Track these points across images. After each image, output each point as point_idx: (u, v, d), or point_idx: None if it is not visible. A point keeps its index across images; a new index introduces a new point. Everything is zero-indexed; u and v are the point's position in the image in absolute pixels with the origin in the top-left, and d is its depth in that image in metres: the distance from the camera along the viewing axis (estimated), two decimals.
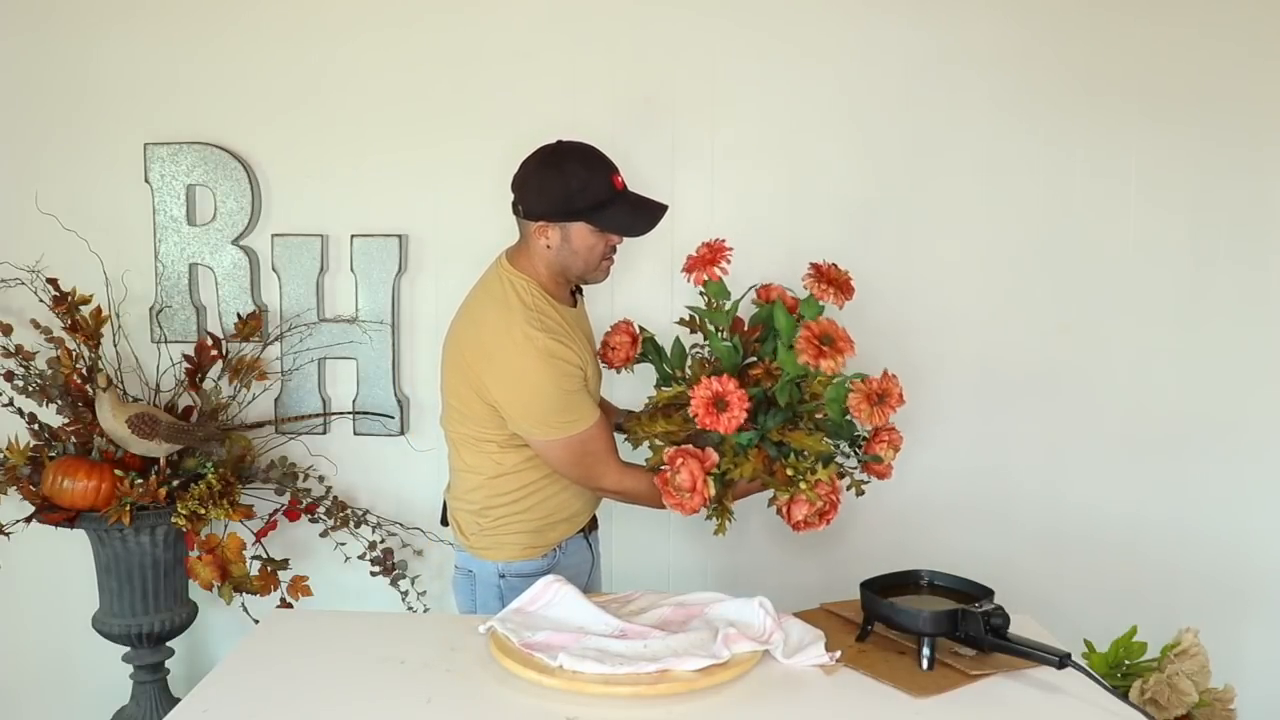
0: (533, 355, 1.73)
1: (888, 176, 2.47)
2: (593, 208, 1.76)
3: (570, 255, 1.80)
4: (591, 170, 1.78)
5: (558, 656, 1.38)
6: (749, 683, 1.40)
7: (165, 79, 2.51)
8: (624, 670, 1.36)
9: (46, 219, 2.49)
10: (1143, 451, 2.51)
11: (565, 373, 1.74)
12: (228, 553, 2.35)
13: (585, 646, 1.42)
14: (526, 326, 1.74)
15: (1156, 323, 2.48)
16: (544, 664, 1.38)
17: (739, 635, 1.44)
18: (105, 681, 2.56)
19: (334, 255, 2.53)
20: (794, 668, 1.44)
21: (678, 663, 1.38)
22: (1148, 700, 1.77)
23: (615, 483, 1.84)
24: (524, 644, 1.43)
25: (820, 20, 2.44)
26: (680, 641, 1.43)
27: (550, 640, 1.44)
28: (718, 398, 1.66)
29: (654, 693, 1.34)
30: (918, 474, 2.50)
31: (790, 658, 1.45)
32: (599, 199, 1.77)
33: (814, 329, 1.68)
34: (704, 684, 1.37)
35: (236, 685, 1.41)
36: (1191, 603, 2.48)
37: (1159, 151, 2.44)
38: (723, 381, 1.67)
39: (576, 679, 1.36)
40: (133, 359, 2.54)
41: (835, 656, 1.46)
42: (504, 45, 2.46)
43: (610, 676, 1.36)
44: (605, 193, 1.77)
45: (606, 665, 1.36)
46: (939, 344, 2.50)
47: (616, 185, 1.79)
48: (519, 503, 1.86)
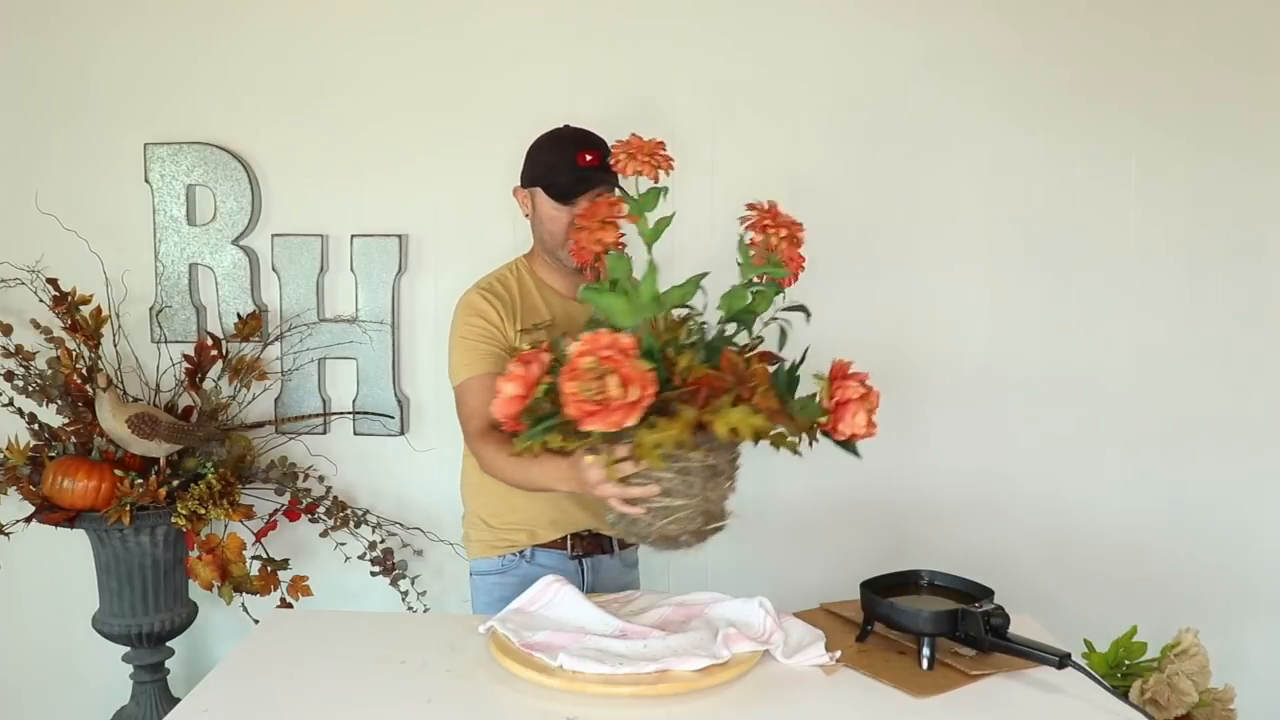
0: (457, 308, 1.85)
1: (888, 177, 2.47)
2: (545, 172, 1.85)
3: (538, 224, 1.89)
4: (557, 143, 1.87)
5: (558, 656, 1.38)
6: (749, 683, 1.40)
7: (165, 79, 2.51)
8: (624, 670, 1.36)
9: (46, 219, 2.49)
10: (1143, 451, 2.50)
11: (469, 322, 1.83)
12: (228, 553, 2.35)
13: (585, 646, 1.42)
14: (469, 288, 1.86)
15: (1156, 323, 2.48)
16: (544, 664, 1.38)
17: (739, 635, 1.44)
18: (105, 681, 2.56)
19: (334, 255, 2.53)
20: (794, 668, 1.44)
21: (678, 663, 1.38)
22: (1148, 700, 1.78)
23: (475, 445, 1.80)
24: (524, 644, 1.43)
25: (820, 21, 2.44)
26: (680, 641, 1.43)
27: (551, 640, 1.44)
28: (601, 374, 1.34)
29: (654, 693, 1.34)
30: (918, 474, 2.50)
31: (790, 658, 1.45)
32: (553, 165, 1.84)
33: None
34: (704, 684, 1.36)
35: (236, 685, 1.41)
36: (1191, 603, 2.48)
37: (1159, 152, 2.44)
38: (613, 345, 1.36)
39: (577, 679, 1.36)
40: (133, 359, 2.54)
41: (835, 656, 1.46)
42: (504, 46, 2.46)
43: (610, 676, 1.35)
44: (562, 162, 1.83)
45: (607, 665, 1.37)
46: (939, 344, 2.50)
47: (579, 160, 1.82)
48: (477, 496, 1.94)
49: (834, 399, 1.47)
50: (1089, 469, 2.51)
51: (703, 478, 1.46)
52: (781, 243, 1.54)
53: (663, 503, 1.46)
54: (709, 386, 1.40)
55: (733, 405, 1.38)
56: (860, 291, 2.49)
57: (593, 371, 1.33)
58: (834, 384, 1.48)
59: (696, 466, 1.44)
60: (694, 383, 1.41)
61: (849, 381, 1.49)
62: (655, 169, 1.56)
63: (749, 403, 1.39)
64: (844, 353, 2.49)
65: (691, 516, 1.47)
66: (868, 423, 1.48)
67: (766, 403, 1.40)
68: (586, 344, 1.35)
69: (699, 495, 1.46)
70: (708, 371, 1.42)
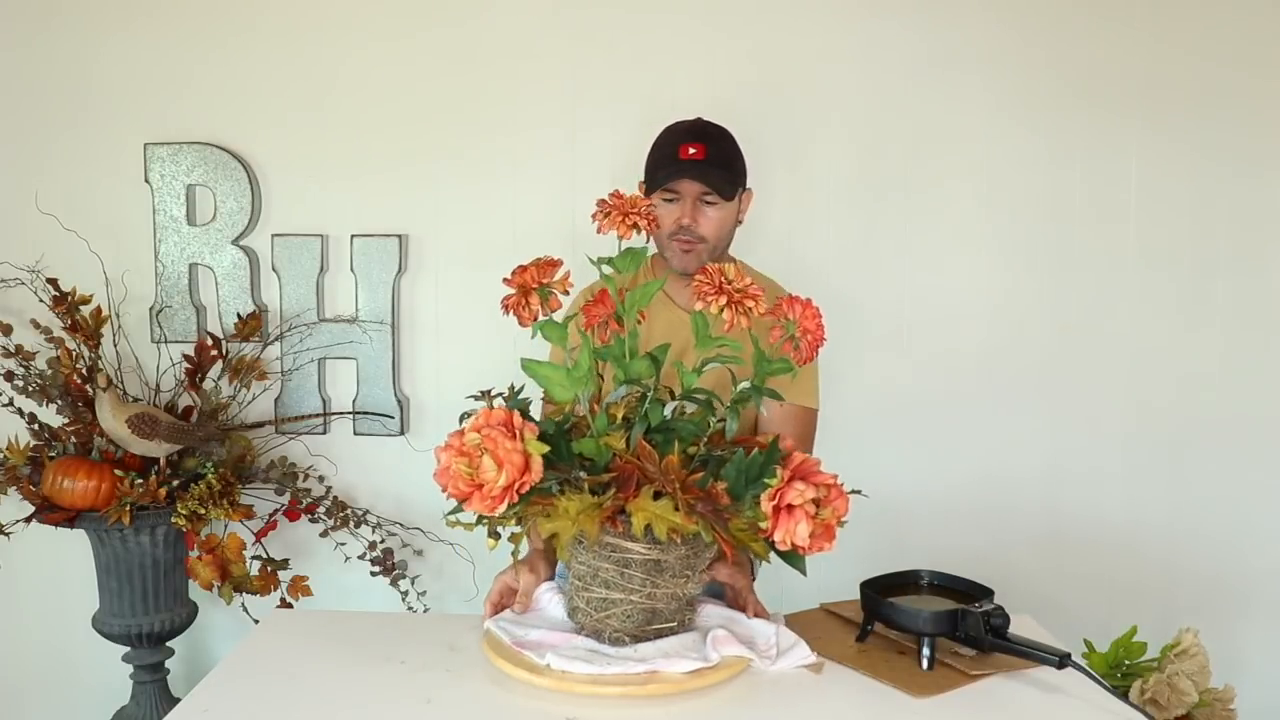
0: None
1: (888, 177, 2.47)
2: (649, 167, 1.77)
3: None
4: (669, 134, 1.79)
5: (545, 655, 1.38)
6: (743, 684, 1.40)
7: (165, 79, 2.52)
8: (612, 670, 1.35)
9: (46, 219, 2.49)
10: (1143, 451, 2.50)
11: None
12: (228, 553, 2.35)
13: (575, 646, 1.41)
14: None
15: (1156, 323, 2.48)
16: (533, 663, 1.38)
17: (729, 638, 1.43)
18: (105, 681, 2.56)
19: (334, 255, 2.53)
20: (787, 670, 1.43)
21: (666, 664, 1.37)
22: (1148, 700, 1.78)
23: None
24: (515, 642, 1.43)
25: (819, 21, 2.44)
26: (670, 644, 1.42)
27: (543, 639, 1.44)
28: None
29: (643, 693, 1.33)
30: (918, 474, 2.50)
31: (775, 664, 1.43)
32: (658, 163, 1.76)
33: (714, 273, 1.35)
34: (694, 685, 1.35)
35: (236, 685, 1.41)
36: (1191, 603, 2.48)
37: (1159, 152, 2.44)
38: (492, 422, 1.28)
39: (566, 678, 1.35)
40: (133, 359, 2.54)
41: (817, 656, 1.45)
42: (504, 46, 2.47)
43: (599, 677, 1.35)
44: (666, 159, 1.75)
45: (595, 665, 1.36)
46: (939, 344, 2.50)
47: (681, 154, 1.74)
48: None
49: (774, 501, 1.28)
50: (1089, 469, 2.51)
51: (644, 572, 1.36)
52: (801, 339, 1.38)
53: (601, 594, 1.39)
54: (636, 475, 1.29)
55: (654, 498, 1.28)
56: (859, 291, 2.49)
57: (476, 450, 1.28)
58: (783, 484, 1.28)
59: (637, 560, 1.35)
60: (618, 469, 1.30)
61: (800, 484, 1.27)
62: (630, 229, 1.37)
63: (675, 496, 1.26)
64: (845, 352, 2.51)
65: (630, 614, 1.38)
66: (813, 535, 1.27)
67: (691, 497, 1.27)
68: (479, 419, 1.30)
69: (641, 591, 1.37)
70: (630, 459, 1.30)
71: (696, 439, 1.37)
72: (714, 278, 1.36)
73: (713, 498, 1.29)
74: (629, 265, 1.41)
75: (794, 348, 1.39)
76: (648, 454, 1.30)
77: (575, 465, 1.35)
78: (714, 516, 1.29)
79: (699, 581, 1.44)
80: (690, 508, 1.28)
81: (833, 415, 2.51)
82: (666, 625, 1.41)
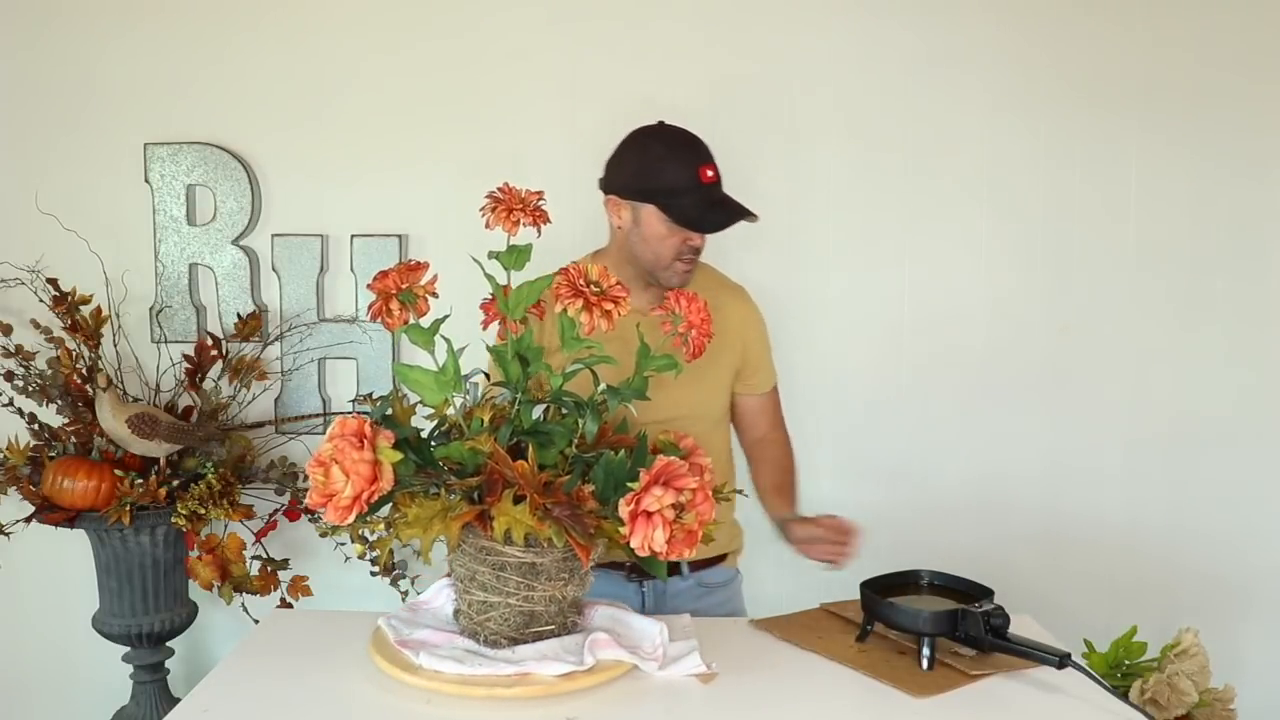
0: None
1: (887, 177, 2.47)
2: (665, 192, 1.67)
3: (640, 242, 1.72)
4: (674, 153, 1.69)
5: (420, 655, 1.37)
6: (625, 688, 1.36)
7: (165, 79, 2.51)
8: (481, 671, 1.33)
9: (46, 219, 2.49)
10: (1143, 451, 2.50)
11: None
12: (228, 553, 2.36)
13: (455, 647, 1.40)
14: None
15: (1156, 323, 2.48)
16: (408, 661, 1.38)
17: (608, 641, 1.39)
18: (105, 681, 2.56)
19: (334, 255, 2.53)
20: (675, 677, 1.40)
21: (538, 667, 1.34)
22: (1148, 700, 1.78)
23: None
24: (398, 640, 1.42)
25: (819, 21, 2.44)
26: (549, 646, 1.39)
27: (427, 638, 1.43)
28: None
29: (510, 695, 1.32)
30: (917, 474, 2.50)
31: (665, 669, 1.40)
32: (674, 184, 1.67)
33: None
34: (564, 688, 1.33)
35: (236, 685, 1.41)
36: (1191, 603, 2.48)
37: (1159, 152, 2.44)
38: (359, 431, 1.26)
39: (436, 678, 1.34)
40: (133, 359, 2.54)
41: (710, 665, 1.41)
42: (504, 46, 2.46)
43: (467, 677, 1.33)
44: (683, 180, 1.67)
45: (465, 666, 1.34)
46: (939, 344, 2.50)
47: (702, 177, 1.67)
48: None
49: (630, 506, 1.24)
50: (1089, 469, 2.51)
51: (520, 575, 1.35)
52: (686, 333, 1.40)
53: (480, 597, 1.38)
54: (501, 479, 1.28)
55: (514, 501, 1.26)
56: (859, 291, 2.49)
57: (330, 460, 1.27)
58: (640, 490, 1.24)
59: (513, 563, 1.35)
60: (487, 472, 1.30)
61: (658, 490, 1.24)
62: (515, 225, 1.38)
63: (533, 499, 1.25)
64: (843, 353, 2.51)
65: (507, 617, 1.38)
66: (671, 540, 1.24)
67: (550, 501, 1.25)
68: (334, 428, 1.29)
69: (517, 595, 1.36)
70: (490, 462, 1.29)
71: (572, 442, 1.36)
72: (573, 279, 1.35)
73: (577, 501, 1.28)
74: (515, 263, 1.41)
75: (683, 342, 1.41)
76: (502, 458, 1.29)
77: (445, 470, 1.35)
78: (572, 520, 1.27)
79: (580, 584, 1.42)
80: (547, 512, 1.26)
81: (833, 415, 2.51)
82: (546, 628, 1.40)
